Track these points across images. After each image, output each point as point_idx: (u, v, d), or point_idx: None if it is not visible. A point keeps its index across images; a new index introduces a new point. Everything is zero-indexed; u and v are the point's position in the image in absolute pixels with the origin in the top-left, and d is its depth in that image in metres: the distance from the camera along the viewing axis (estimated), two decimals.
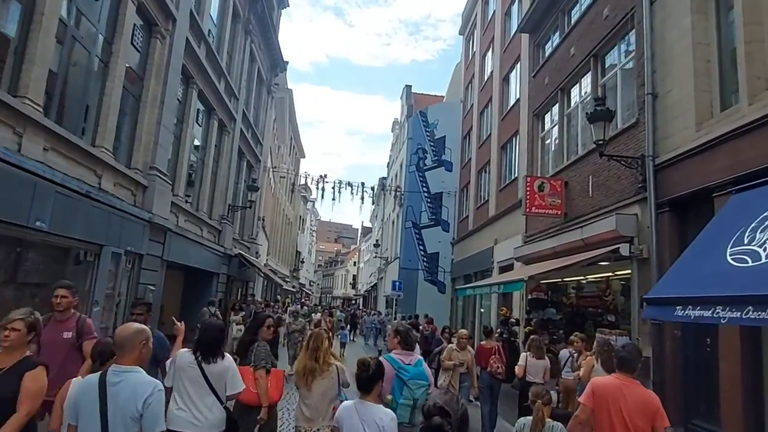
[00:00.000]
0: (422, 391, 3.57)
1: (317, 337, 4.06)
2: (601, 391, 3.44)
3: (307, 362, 3.89)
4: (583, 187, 10.16)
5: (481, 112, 20.13)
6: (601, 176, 9.42)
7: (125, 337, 2.64)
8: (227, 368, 3.66)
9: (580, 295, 10.81)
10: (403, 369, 3.65)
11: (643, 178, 7.87)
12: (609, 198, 8.98)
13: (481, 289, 10.77)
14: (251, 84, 19.24)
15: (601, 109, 7.96)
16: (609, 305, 9.43)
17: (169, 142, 11.02)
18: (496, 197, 16.70)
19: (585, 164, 10.22)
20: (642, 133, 8.09)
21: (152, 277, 10.21)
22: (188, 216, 12.83)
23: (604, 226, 8.52)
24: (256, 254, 21.31)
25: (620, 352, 3.66)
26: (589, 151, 9.97)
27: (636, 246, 7.87)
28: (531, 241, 12.65)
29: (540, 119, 13.50)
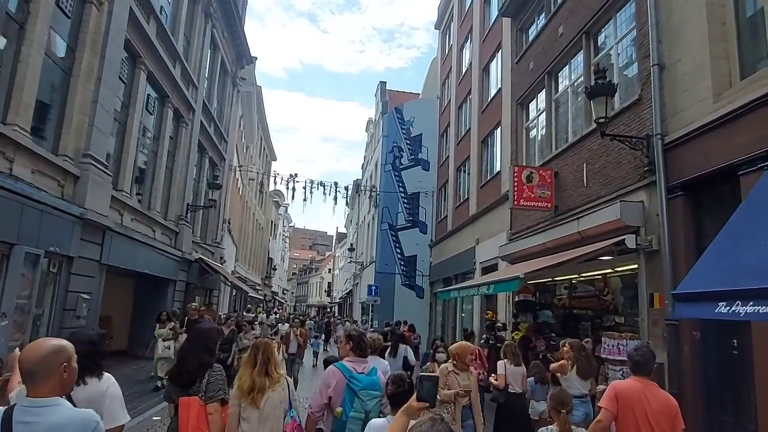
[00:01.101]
0: (375, 403, 3.30)
1: (266, 348, 3.51)
2: (625, 396, 3.33)
3: (257, 378, 3.36)
4: (577, 177, 9.22)
5: (459, 106, 19.23)
6: (597, 163, 8.48)
7: (37, 360, 1.89)
8: (103, 393, 2.62)
9: (574, 296, 9.86)
10: (354, 378, 3.35)
11: (649, 160, 6.93)
12: (608, 186, 8.04)
13: (467, 290, 9.68)
14: (214, 74, 17.85)
15: (603, 83, 7.01)
16: (608, 305, 8.47)
17: (110, 127, 9.59)
18: (477, 194, 15.74)
19: (578, 152, 9.29)
20: (646, 110, 7.18)
21: (86, 284, 8.74)
22: (136, 215, 11.36)
23: (604, 217, 7.55)
24: (221, 260, 19.77)
25: (634, 356, 3.55)
26: (583, 136, 9.06)
27: (644, 237, 6.92)
28: (517, 238, 11.67)
29: (524, 108, 12.59)
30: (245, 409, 3.33)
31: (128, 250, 10.70)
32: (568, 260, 7.50)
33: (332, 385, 3.38)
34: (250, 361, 3.45)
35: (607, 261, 8.21)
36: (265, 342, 3.64)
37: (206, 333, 3.53)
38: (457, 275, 17.45)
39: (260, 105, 29.10)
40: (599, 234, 7.74)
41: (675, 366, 6.32)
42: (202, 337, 3.46)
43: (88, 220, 8.50)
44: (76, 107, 8.49)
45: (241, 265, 28.42)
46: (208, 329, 3.70)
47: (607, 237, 7.48)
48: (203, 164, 17.40)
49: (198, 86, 15.34)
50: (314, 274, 79.96)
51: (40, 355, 1.89)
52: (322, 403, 3.39)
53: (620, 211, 7.09)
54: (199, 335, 3.49)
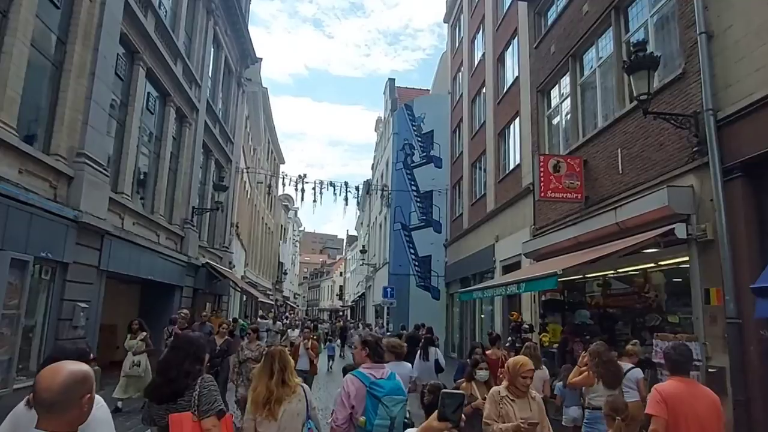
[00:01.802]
0: (400, 408, 3.19)
1: (281, 356, 3.33)
2: (673, 398, 3.17)
3: (274, 389, 3.19)
4: (610, 164, 8.45)
5: (473, 100, 18.50)
6: (635, 147, 7.72)
7: (58, 390, 1.58)
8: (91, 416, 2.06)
9: (609, 294, 9.07)
10: (376, 385, 3.21)
11: (698, 139, 6.17)
12: (649, 171, 7.27)
13: (491, 290, 8.93)
14: (218, 73, 17.31)
15: (643, 55, 6.25)
16: (651, 303, 7.68)
17: (106, 126, 9.03)
18: (495, 190, 14.99)
19: (610, 137, 8.53)
20: (692, 85, 6.42)
21: (83, 291, 8.16)
22: (138, 218, 10.80)
23: (648, 205, 6.79)
24: (229, 265, 19.21)
25: (672, 355, 3.40)
26: (616, 119, 8.30)
27: (696, 225, 6.14)
28: (543, 233, 10.91)
29: (545, 95, 11.84)
30: (261, 423, 3.15)
31: (130, 255, 10.13)
32: (608, 254, 6.74)
33: (352, 394, 3.22)
34: (265, 370, 3.27)
35: (648, 254, 7.44)
36: (280, 349, 3.42)
37: (192, 339, 3.13)
38: (476, 275, 16.72)
39: (266, 106, 28.60)
40: (642, 224, 6.97)
41: (739, 370, 5.56)
42: (187, 343, 3.02)
43: (84, 224, 7.92)
44: (69, 104, 7.93)
45: (251, 270, 27.89)
46: (194, 336, 3.41)
47: (651, 227, 6.72)
48: (209, 166, 16.85)
49: (201, 85, 14.79)
50: (325, 278, 79.49)
51: (62, 384, 1.58)
52: (347, 413, 3.20)
53: (668, 197, 6.32)
54: (184, 341, 3.06)
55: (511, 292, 7.88)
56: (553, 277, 6.30)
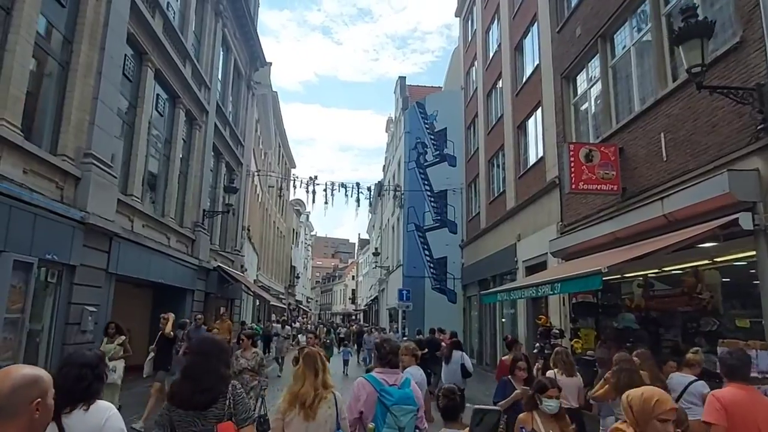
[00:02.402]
0: (410, 418, 3.05)
1: (320, 357, 3.24)
2: (733, 406, 2.99)
3: (320, 388, 3.08)
4: (651, 150, 7.84)
5: (488, 94, 17.92)
6: (681, 130, 7.10)
7: (5, 393, 1.49)
8: (101, 427, 2.15)
9: (652, 296, 8.40)
10: (385, 392, 3.10)
11: (763, 116, 5.55)
12: (700, 156, 6.65)
13: (519, 292, 8.30)
14: (227, 76, 16.95)
15: (695, 22, 5.65)
16: (705, 305, 7.02)
17: (114, 126, 8.63)
18: (516, 186, 14.38)
19: (650, 120, 7.91)
20: (754, 54, 5.79)
21: (92, 294, 7.74)
22: (148, 221, 10.38)
23: (703, 193, 6.17)
24: (241, 268, 18.79)
25: (728, 360, 3.26)
26: (658, 101, 7.68)
27: (764, 214, 5.52)
28: (572, 230, 10.29)
29: (570, 82, 11.24)
30: (291, 424, 3.01)
31: (140, 258, 9.71)
32: (659, 249, 6.12)
33: (362, 398, 3.13)
34: (309, 368, 3.12)
35: (703, 250, 6.78)
36: (314, 351, 3.28)
37: (220, 343, 2.97)
38: (495, 276, 16.09)
39: (277, 110, 28.27)
40: (695, 215, 6.35)
41: None
42: (215, 346, 2.84)
43: (92, 225, 7.50)
44: (75, 103, 7.55)
45: (264, 274, 27.49)
46: (220, 339, 3.30)
47: (707, 218, 6.10)
48: (219, 169, 16.46)
49: (210, 87, 14.42)
50: (338, 282, 79.09)
51: (8, 387, 1.50)
52: (353, 418, 3.13)
53: (728, 183, 5.69)
54: (212, 345, 2.86)
55: (544, 293, 7.26)
56: (597, 275, 5.70)
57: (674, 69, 7.77)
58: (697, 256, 6.95)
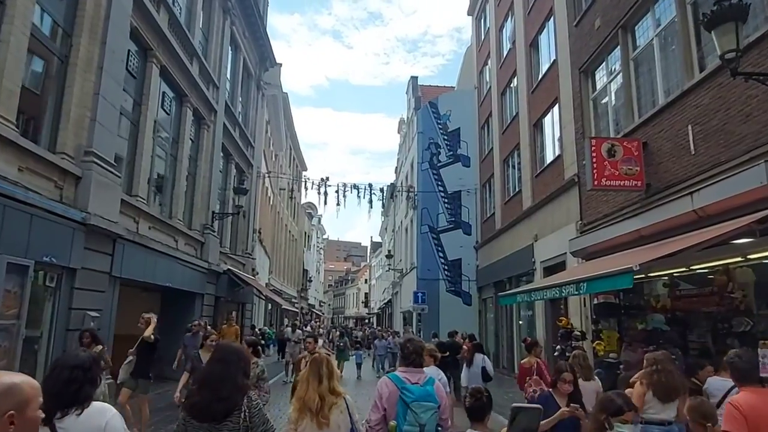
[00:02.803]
0: (430, 415, 3.05)
1: (328, 362, 3.23)
2: (754, 413, 2.80)
3: (325, 394, 3.04)
4: (678, 144, 7.37)
5: (502, 92, 17.48)
6: (712, 121, 6.63)
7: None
8: (102, 429, 2.03)
9: (679, 295, 7.91)
10: (406, 390, 3.12)
11: None
12: (734, 147, 6.18)
13: (540, 293, 7.86)
14: (236, 75, 16.79)
15: (729, 4, 5.21)
16: (738, 305, 6.53)
17: (116, 123, 8.42)
18: (532, 185, 13.92)
19: (677, 112, 7.45)
20: None
21: (94, 299, 7.51)
22: (155, 222, 10.18)
23: (738, 186, 5.72)
24: (252, 271, 18.58)
25: (737, 363, 3.08)
26: (684, 92, 7.23)
27: None
28: (593, 228, 9.82)
29: (589, 76, 10.79)
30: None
31: (146, 261, 9.49)
32: (692, 246, 5.67)
33: (384, 396, 3.18)
34: (313, 374, 3.12)
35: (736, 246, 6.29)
36: (324, 357, 3.26)
37: (238, 350, 2.86)
38: (512, 278, 15.61)
39: (287, 111, 28.15)
40: (729, 210, 5.89)
41: None
42: (233, 354, 2.73)
43: (93, 227, 7.28)
44: (75, 99, 7.34)
45: (276, 278, 27.31)
46: (239, 346, 3.14)
47: (741, 212, 5.63)
48: (229, 170, 16.29)
49: (219, 86, 14.25)
50: (350, 286, 78.84)
51: None
52: (379, 416, 3.16)
53: (766, 174, 5.24)
54: (229, 352, 2.76)
55: (568, 293, 6.83)
56: (628, 274, 5.26)
57: (701, 59, 7.33)
58: (728, 252, 6.44)
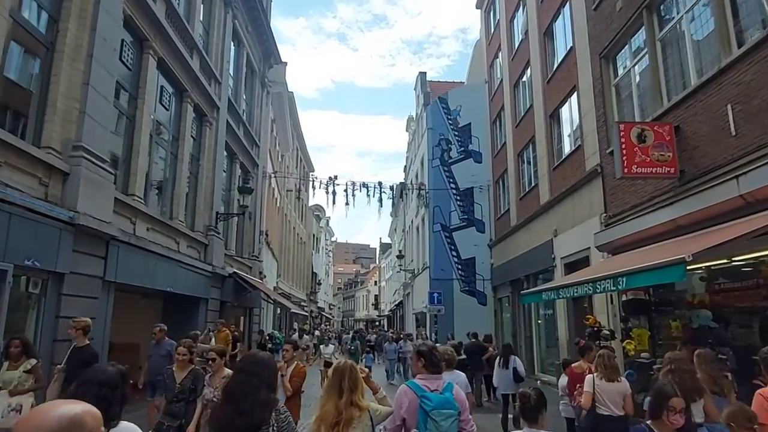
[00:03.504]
0: (450, 423, 3.00)
1: (351, 373, 2.96)
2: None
3: (343, 410, 2.82)
4: (716, 126, 6.70)
5: (515, 84, 16.84)
6: (755, 99, 5.97)
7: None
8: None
9: (718, 289, 7.21)
10: (425, 398, 3.05)
11: None
12: None
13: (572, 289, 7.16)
14: (239, 72, 16.31)
15: None
16: None
17: (109, 116, 7.93)
18: (550, 178, 13.26)
19: (713, 92, 6.79)
20: None
21: (86, 307, 6.98)
22: (154, 223, 9.67)
23: None
24: (260, 275, 18.08)
25: None
26: (722, 70, 6.57)
27: None
28: (619, 221, 9.15)
29: (610, 62, 10.13)
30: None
31: (145, 264, 8.98)
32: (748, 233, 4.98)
33: (404, 405, 3.10)
34: (333, 388, 2.95)
35: None
36: (350, 365, 3.06)
37: (263, 361, 2.68)
38: (529, 276, 14.96)
39: (293, 110, 27.69)
40: None
41: None
42: (257, 365, 2.59)
43: (83, 227, 6.77)
44: (62, 89, 6.83)
45: (284, 281, 26.82)
46: (265, 356, 2.84)
47: None
48: (234, 170, 15.80)
49: (221, 82, 13.76)
50: (360, 288, 78.31)
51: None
52: (396, 425, 3.09)
53: None
54: (253, 363, 2.62)
55: (604, 289, 6.18)
56: (679, 265, 4.60)
57: (739, 33, 6.68)
58: None
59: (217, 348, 4.61)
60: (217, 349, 4.56)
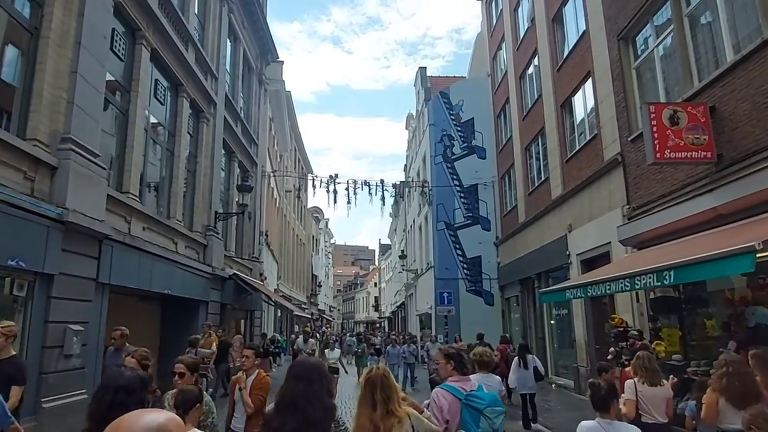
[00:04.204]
0: (502, 419, 3.09)
1: (384, 380, 2.73)
2: None
3: (379, 424, 2.60)
4: (759, 103, 6.21)
5: (521, 75, 16.34)
6: None
7: None
8: None
9: (762, 283, 6.69)
10: (475, 397, 3.11)
11: None
12: None
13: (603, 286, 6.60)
14: (236, 68, 15.75)
15: None
16: None
17: (100, 108, 7.35)
18: (562, 171, 12.75)
19: (755, 68, 6.28)
20: None
21: (77, 310, 6.43)
22: (150, 222, 9.10)
23: None
24: (260, 276, 17.50)
25: None
26: (765, 41, 6.05)
27: None
28: (646, 212, 8.64)
29: (630, 43, 9.64)
30: None
31: (141, 265, 8.41)
32: None
33: (445, 408, 3.10)
34: (366, 400, 2.71)
35: None
36: (382, 372, 2.78)
37: (319, 366, 2.49)
38: (540, 274, 14.45)
39: (291, 110, 27.13)
40: None
41: None
42: (315, 371, 2.40)
43: (73, 225, 6.20)
44: (48, 78, 6.28)
45: (284, 283, 26.22)
46: (315, 360, 2.76)
47: None
48: (232, 169, 15.23)
49: (218, 77, 13.20)
50: (360, 290, 77.70)
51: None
52: (442, 429, 2.99)
53: None
54: (311, 368, 2.40)
55: (645, 285, 5.62)
56: (748, 254, 4.06)
57: None
58: None
59: (188, 360, 3.64)
60: (188, 361, 3.60)
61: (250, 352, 4.38)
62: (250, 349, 4.45)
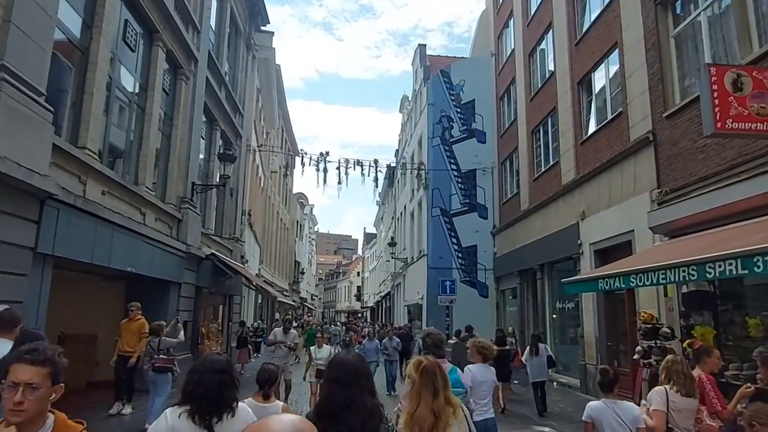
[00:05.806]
0: (459, 399, 2.97)
1: (441, 370, 2.65)
2: None
3: (441, 411, 2.51)
4: None
5: (530, 53, 15.24)
6: None
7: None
8: None
9: None
10: None
11: None
12: None
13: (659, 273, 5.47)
14: (222, 27, 14.28)
15: None
16: None
17: (47, 36, 5.96)
18: (576, 153, 11.73)
19: None
20: None
21: (8, 286, 5.12)
22: (112, 187, 7.76)
23: None
24: (242, 259, 16.18)
25: None
26: None
27: None
28: (682, 197, 7.63)
29: (668, 8, 8.58)
30: None
31: (97, 236, 7.07)
32: None
33: None
34: (426, 387, 2.55)
35: None
36: (436, 362, 2.71)
37: (355, 364, 2.20)
38: (544, 265, 13.50)
39: (280, 85, 25.60)
40: None
41: None
42: (352, 372, 2.13)
43: (1, 176, 4.88)
44: None
45: (266, 268, 24.90)
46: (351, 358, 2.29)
47: None
48: (214, 138, 13.83)
49: (201, 31, 11.77)
50: (342, 279, 76.62)
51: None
52: None
53: None
54: (346, 369, 2.15)
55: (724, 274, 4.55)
56: None
57: None
58: None
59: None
60: None
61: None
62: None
